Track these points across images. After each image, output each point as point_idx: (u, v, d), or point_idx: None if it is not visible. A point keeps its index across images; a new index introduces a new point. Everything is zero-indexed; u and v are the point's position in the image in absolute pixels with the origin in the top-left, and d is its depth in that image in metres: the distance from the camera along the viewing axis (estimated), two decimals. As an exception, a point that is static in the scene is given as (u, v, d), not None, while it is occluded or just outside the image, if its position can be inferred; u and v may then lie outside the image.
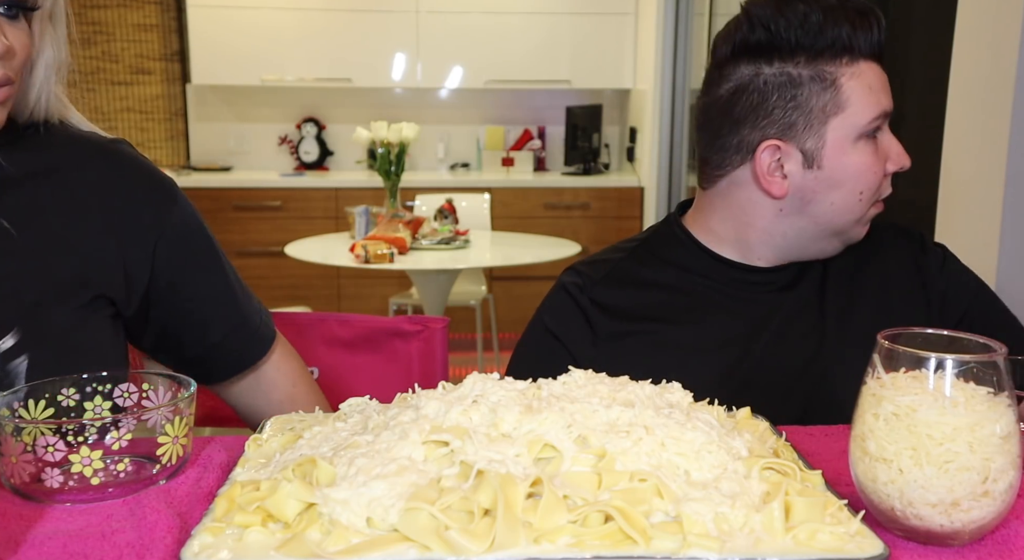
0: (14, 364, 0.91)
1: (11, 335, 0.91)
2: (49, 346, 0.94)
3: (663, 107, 4.42)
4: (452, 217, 3.84)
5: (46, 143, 0.98)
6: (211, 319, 1.05)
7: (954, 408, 0.61)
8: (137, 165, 1.02)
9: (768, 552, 0.58)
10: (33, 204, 0.95)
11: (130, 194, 0.99)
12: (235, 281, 1.08)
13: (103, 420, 0.70)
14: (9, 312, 0.91)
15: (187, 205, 1.05)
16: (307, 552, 0.58)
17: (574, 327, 1.12)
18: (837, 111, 1.02)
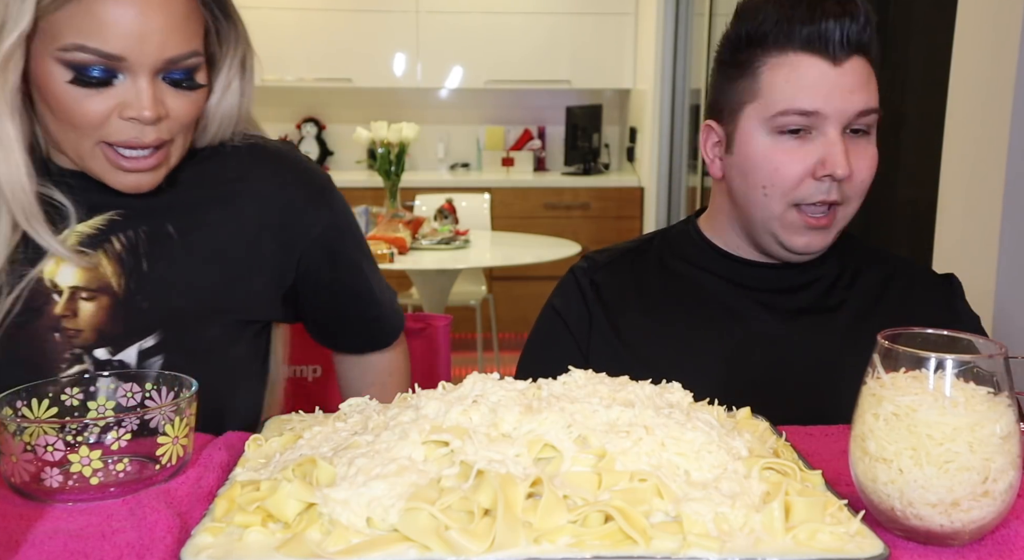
0: (150, 362, 0.97)
1: (154, 335, 0.97)
2: (187, 352, 0.98)
3: (663, 107, 4.42)
4: (452, 217, 3.84)
5: (216, 155, 1.04)
6: (349, 312, 1.14)
7: (954, 408, 0.61)
8: (294, 168, 1.07)
9: (768, 552, 0.58)
10: (198, 212, 1.00)
11: (286, 199, 1.04)
12: (375, 279, 1.15)
13: (104, 420, 0.70)
14: (157, 313, 0.97)
15: (340, 206, 1.10)
16: (307, 552, 0.58)
17: (574, 308, 1.14)
18: (751, 99, 1.02)
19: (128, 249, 0.97)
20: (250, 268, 1.02)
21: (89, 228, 0.97)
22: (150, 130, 0.90)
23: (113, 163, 0.92)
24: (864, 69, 0.99)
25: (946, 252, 1.81)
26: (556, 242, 3.82)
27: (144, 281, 0.97)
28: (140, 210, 0.98)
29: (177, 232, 0.99)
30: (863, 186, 1.02)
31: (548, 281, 4.71)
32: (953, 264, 1.77)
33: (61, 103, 0.88)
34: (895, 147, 2.50)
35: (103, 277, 0.96)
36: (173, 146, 0.95)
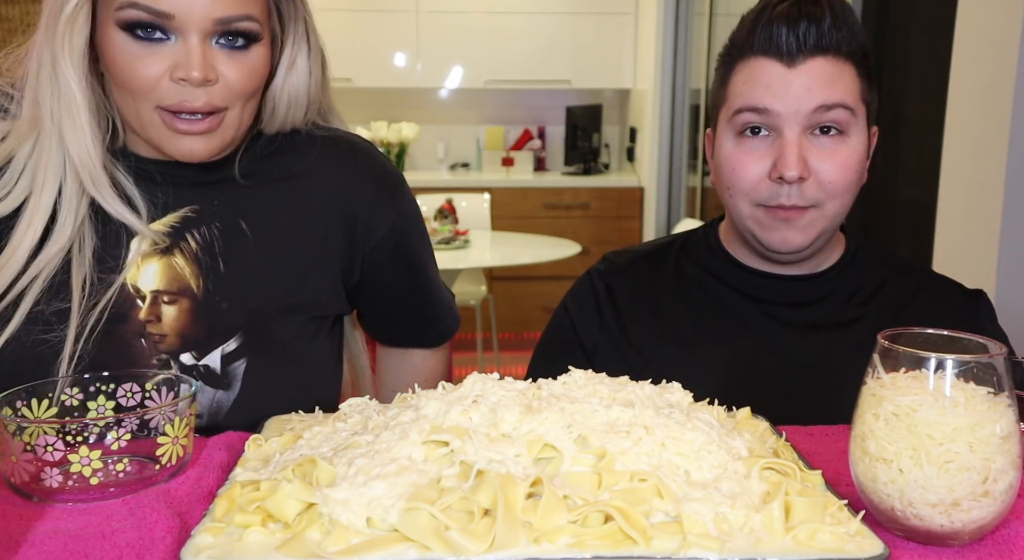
0: (234, 365, 0.97)
1: (236, 338, 0.97)
2: (269, 353, 0.99)
3: (663, 107, 4.42)
4: (452, 217, 3.84)
5: (290, 147, 1.04)
6: (404, 309, 1.14)
7: (954, 408, 0.61)
8: (367, 163, 1.07)
9: (768, 552, 0.58)
10: (268, 207, 1.01)
11: (357, 194, 1.05)
12: (434, 276, 1.15)
13: (104, 420, 0.70)
14: (237, 313, 0.97)
15: (410, 205, 1.10)
16: (307, 552, 0.58)
17: (586, 310, 1.16)
18: (722, 103, 1.05)
19: (204, 248, 0.98)
20: (320, 263, 1.03)
21: (164, 226, 0.97)
22: (200, 93, 0.90)
23: (169, 126, 0.91)
24: (827, 69, 0.99)
25: (946, 252, 1.81)
26: (556, 242, 3.82)
27: (221, 281, 0.97)
28: (212, 207, 0.99)
29: (250, 228, 0.99)
30: (835, 187, 1.00)
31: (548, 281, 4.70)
32: (953, 264, 1.77)
33: (119, 65, 0.89)
34: (895, 147, 2.50)
35: (182, 279, 0.97)
36: (229, 115, 0.94)
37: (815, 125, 0.99)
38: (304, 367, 1.03)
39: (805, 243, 1.03)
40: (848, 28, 1.00)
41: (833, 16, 0.99)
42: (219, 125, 0.93)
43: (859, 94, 1.01)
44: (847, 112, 0.99)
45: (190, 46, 0.88)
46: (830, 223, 1.03)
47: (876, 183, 2.57)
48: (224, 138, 0.95)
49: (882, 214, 2.54)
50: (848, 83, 1.00)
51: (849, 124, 1.00)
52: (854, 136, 1.01)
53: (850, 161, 1.00)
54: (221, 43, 0.91)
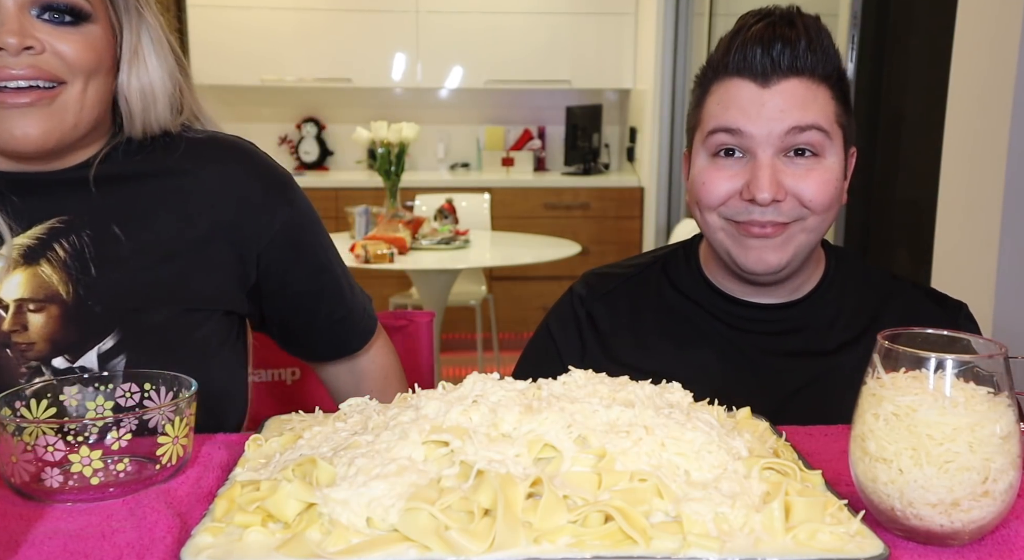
0: (113, 363, 0.95)
1: (112, 336, 0.94)
2: (147, 346, 0.96)
3: (663, 107, 4.42)
4: (452, 217, 3.84)
5: (165, 149, 1.00)
6: (317, 313, 1.10)
7: (954, 408, 0.61)
8: (253, 165, 1.04)
9: (768, 552, 0.58)
10: (145, 210, 0.97)
11: (243, 195, 1.01)
12: (342, 276, 1.11)
13: (104, 420, 0.70)
14: (112, 315, 0.94)
15: (301, 204, 1.06)
16: (307, 552, 0.58)
17: (569, 336, 1.15)
18: (697, 124, 1.06)
19: (73, 255, 0.94)
20: (205, 266, 0.99)
21: (29, 239, 0.94)
22: (22, 59, 0.85)
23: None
24: (800, 90, 0.99)
25: (946, 252, 1.81)
26: (556, 242, 3.82)
27: (94, 286, 0.94)
28: (82, 215, 0.95)
29: (124, 233, 0.96)
30: (815, 205, 1.00)
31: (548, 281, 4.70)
32: (953, 264, 1.77)
33: None
34: (895, 147, 2.50)
35: (49, 286, 0.93)
36: (68, 91, 0.89)
37: (789, 147, 0.99)
38: (191, 353, 0.99)
39: (781, 263, 1.02)
40: (823, 51, 1.00)
41: (808, 38, 0.99)
42: (53, 102, 0.88)
43: (834, 117, 1.01)
44: (821, 134, 0.99)
45: (5, 14, 0.84)
46: (810, 238, 1.02)
47: (876, 183, 2.57)
48: (63, 120, 0.89)
49: (882, 214, 2.54)
50: (822, 105, 1.00)
51: (824, 146, 1.00)
52: (829, 157, 1.01)
53: (827, 179, 1.00)
54: (45, 18, 0.87)
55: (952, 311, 1.11)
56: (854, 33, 2.62)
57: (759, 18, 1.01)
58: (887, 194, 2.53)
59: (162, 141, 1.01)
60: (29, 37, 0.85)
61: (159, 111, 0.98)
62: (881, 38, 2.57)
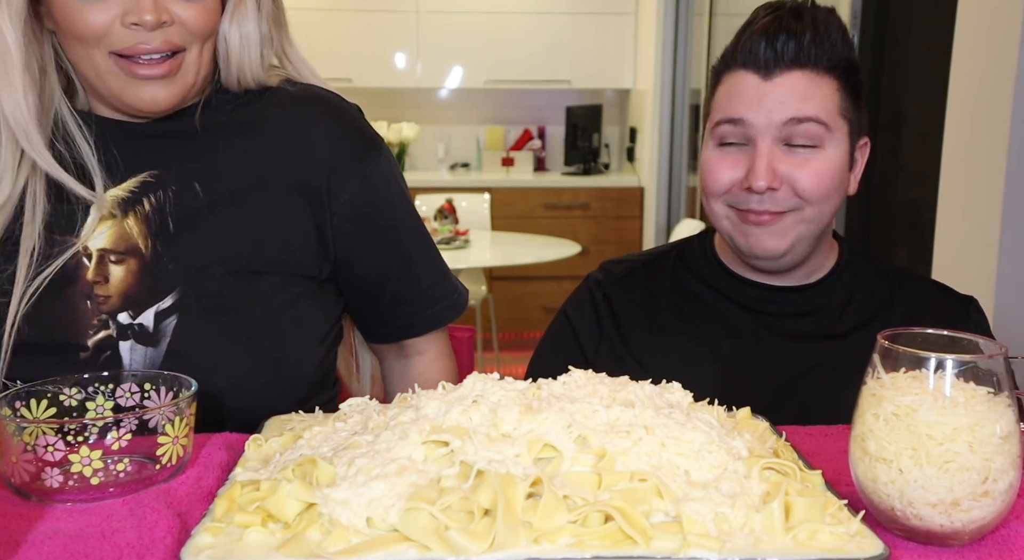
0: (165, 323, 0.94)
1: (171, 295, 0.94)
2: (201, 308, 0.95)
3: (663, 107, 4.42)
4: (452, 217, 3.84)
5: (254, 101, 1.01)
6: (376, 294, 1.07)
7: (954, 408, 0.61)
8: (337, 123, 1.03)
9: (768, 552, 0.58)
10: (225, 166, 0.98)
11: (321, 157, 1.00)
12: (417, 258, 1.08)
13: (104, 420, 0.70)
14: (179, 273, 0.94)
15: (381, 171, 1.03)
16: (307, 552, 0.58)
17: (586, 319, 1.17)
18: (708, 114, 1.09)
19: (156, 209, 0.96)
20: (278, 225, 0.99)
21: (123, 191, 0.96)
22: (156, 34, 0.89)
23: (128, 72, 0.90)
24: (803, 82, 1.00)
25: (946, 253, 1.81)
26: (556, 242, 3.82)
27: (170, 243, 0.95)
28: (170, 169, 0.97)
29: (203, 190, 0.96)
30: (809, 195, 1.01)
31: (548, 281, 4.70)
32: (953, 264, 1.77)
33: (66, 15, 0.88)
34: (895, 147, 2.50)
35: (131, 238, 0.95)
36: (188, 57, 0.93)
37: (787, 138, 1.01)
38: (256, 326, 0.98)
39: (781, 248, 1.03)
40: (830, 43, 1.01)
41: (816, 30, 1.00)
42: (179, 68, 0.92)
43: (837, 109, 1.02)
44: (820, 127, 1.00)
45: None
46: (809, 229, 1.03)
47: (876, 183, 2.57)
48: (185, 83, 0.94)
49: (882, 214, 2.54)
50: (825, 98, 1.01)
51: (823, 138, 1.01)
52: (830, 148, 1.02)
53: (824, 169, 1.01)
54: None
55: (962, 303, 1.12)
56: (854, 33, 2.62)
57: (769, 11, 1.03)
58: (887, 194, 2.52)
59: (255, 94, 1.01)
60: (163, 11, 0.89)
61: (252, 58, 0.98)
62: (881, 38, 2.57)
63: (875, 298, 1.11)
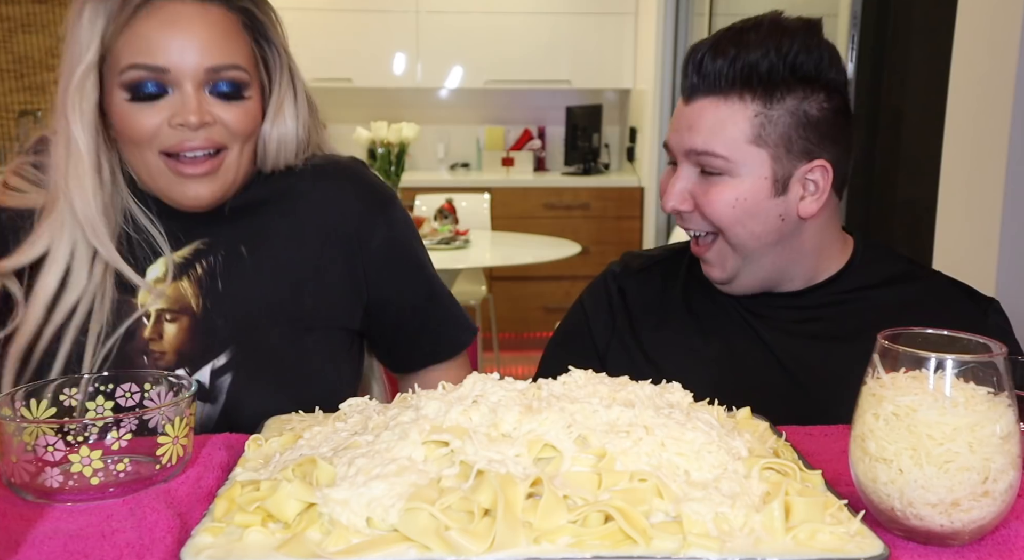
0: (221, 380, 1.01)
1: (226, 353, 1.03)
2: (258, 366, 1.03)
3: (663, 107, 4.42)
4: (452, 217, 3.84)
5: (287, 176, 1.11)
6: (414, 322, 1.16)
7: (954, 408, 0.61)
8: (356, 182, 1.13)
9: (768, 552, 0.58)
10: (266, 231, 1.08)
11: (348, 211, 1.10)
12: (440, 291, 1.19)
13: (104, 420, 0.70)
14: (230, 330, 1.03)
15: (401, 219, 1.15)
16: (307, 552, 0.58)
17: (599, 309, 1.19)
18: None
19: (207, 272, 1.05)
20: (318, 283, 1.08)
21: (179, 257, 1.05)
22: (200, 133, 0.98)
23: (174, 171, 0.99)
24: (710, 111, 1.01)
25: (946, 252, 1.81)
26: (556, 242, 3.82)
27: (220, 300, 1.04)
28: (221, 237, 1.06)
29: (248, 251, 1.06)
30: (716, 221, 1.03)
31: (548, 281, 4.68)
32: (953, 264, 1.77)
33: (123, 121, 0.98)
34: (895, 147, 2.50)
35: (184, 298, 1.03)
36: (229, 155, 1.01)
37: (699, 164, 1.03)
38: (303, 380, 1.05)
39: (724, 277, 1.07)
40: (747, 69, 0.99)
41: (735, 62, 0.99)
42: (220, 166, 1.01)
43: (747, 138, 1.00)
44: (719, 159, 1.01)
45: (186, 95, 0.97)
46: (741, 253, 1.05)
47: (876, 183, 2.57)
48: (226, 181, 1.02)
49: (882, 214, 2.54)
50: (731, 128, 1.00)
51: (726, 168, 1.01)
52: (741, 176, 1.01)
53: (726, 198, 1.02)
54: (214, 93, 0.99)
55: (982, 304, 1.10)
56: (854, 33, 2.62)
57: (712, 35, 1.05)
58: (887, 194, 2.52)
59: (286, 170, 1.11)
60: (206, 113, 0.98)
61: (287, 154, 1.09)
62: (881, 38, 2.57)
63: (888, 299, 1.09)
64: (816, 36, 1.01)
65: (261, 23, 1.04)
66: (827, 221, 1.07)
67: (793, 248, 1.06)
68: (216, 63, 0.98)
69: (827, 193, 1.04)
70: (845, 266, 1.11)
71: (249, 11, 1.03)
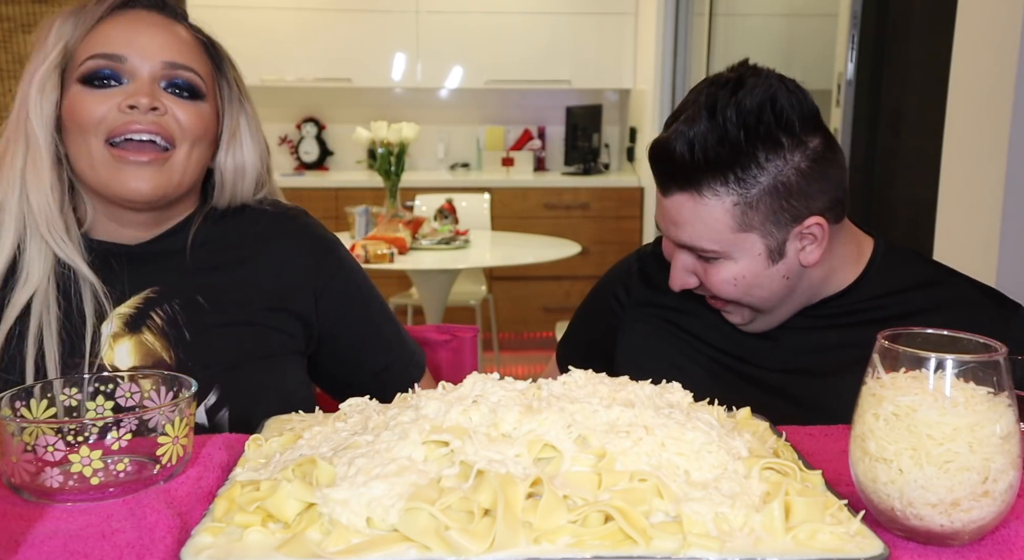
0: (219, 416, 1.03)
1: (213, 392, 1.04)
2: (243, 397, 1.05)
3: (663, 107, 4.41)
4: (452, 217, 3.84)
5: (239, 220, 1.14)
6: (360, 363, 1.20)
7: (954, 408, 0.61)
8: (307, 232, 1.17)
9: (768, 552, 0.58)
10: (222, 283, 1.09)
11: (301, 259, 1.14)
12: (387, 329, 1.22)
13: (104, 420, 0.70)
14: (210, 374, 1.04)
15: (348, 263, 1.19)
16: (307, 552, 0.58)
17: (618, 286, 1.24)
18: None
19: (168, 322, 1.05)
20: (279, 324, 1.11)
21: (129, 308, 1.04)
22: (149, 117, 0.99)
23: (117, 159, 0.99)
24: (688, 208, 1.00)
25: (946, 252, 1.81)
26: (556, 242, 3.81)
27: (190, 349, 1.04)
28: (171, 285, 1.07)
29: (207, 302, 1.07)
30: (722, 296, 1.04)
31: (548, 281, 4.69)
32: (953, 264, 1.77)
33: (73, 107, 0.99)
34: (895, 147, 2.50)
35: (154, 352, 1.04)
36: (176, 154, 1.02)
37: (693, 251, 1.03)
38: (279, 397, 1.07)
39: (743, 321, 1.08)
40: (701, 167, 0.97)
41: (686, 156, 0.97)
42: (166, 163, 1.01)
43: (730, 228, 0.99)
44: (708, 252, 1.01)
45: (140, 82, 1.00)
46: (755, 306, 1.05)
47: (876, 183, 2.57)
48: (170, 179, 1.02)
49: (882, 214, 2.54)
50: (713, 222, 0.99)
51: (720, 253, 1.01)
52: (735, 257, 1.01)
53: (723, 277, 1.02)
54: (169, 91, 1.02)
55: (1007, 311, 1.05)
56: (854, 33, 2.62)
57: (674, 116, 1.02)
58: (887, 194, 2.52)
59: (240, 211, 1.14)
60: (156, 100, 1.00)
61: (246, 187, 1.13)
62: (881, 38, 2.57)
63: (902, 307, 1.06)
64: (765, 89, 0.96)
65: (220, 55, 1.10)
66: (833, 247, 1.05)
67: (803, 287, 1.06)
68: (175, 60, 1.01)
69: (827, 238, 1.02)
70: (859, 277, 1.08)
71: (211, 41, 1.10)
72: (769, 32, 3.87)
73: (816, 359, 1.08)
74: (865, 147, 2.56)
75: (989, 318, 1.04)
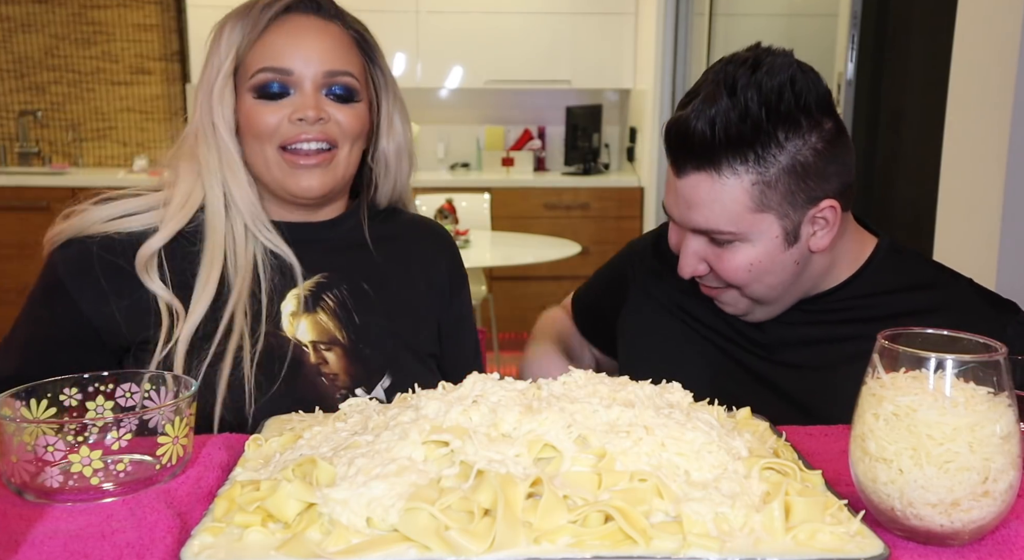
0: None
1: (387, 376, 1.13)
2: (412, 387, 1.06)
3: (663, 107, 4.41)
4: (452, 217, 3.84)
5: (394, 222, 1.27)
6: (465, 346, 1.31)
7: (954, 408, 0.61)
8: (444, 241, 1.33)
9: (768, 552, 0.58)
10: (384, 273, 1.20)
11: (440, 264, 1.28)
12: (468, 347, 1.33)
13: (104, 420, 0.70)
14: (379, 357, 1.13)
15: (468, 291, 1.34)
16: (307, 552, 0.58)
17: (628, 266, 1.28)
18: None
19: (339, 304, 1.14)
20: (425, 316, 1.22)
21: (305, 290, 1.13)
22: (315, 128, 1.09)
23: (289, 163, 1.10)
24: (704, 188, 0.99)
25: (946, 252, 1.81)
26: (556, 242, 3.81)
27: (360, 331, 1.13)
28: (341, 271, 1.16)
29: (371, 289, 1.17)
30: (735, 282, 1.03)
31: (548, 281, 4.69)
32: (953, 264, 1.77)
33: (249, 117, 1.09)
34: (895, 147, 2.50)
35: (329, 331, 1.12)
36: (339, 153, 1.12)
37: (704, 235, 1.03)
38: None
39: (740, 311, 1.09)
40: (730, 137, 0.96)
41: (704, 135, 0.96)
42: (331, 162, 1.12)
43: (748, 208, 0.98)
44: (723, 234, 1.00)
45: (305, 95, 1.09)
46: (758, 297, 1.05)
47: (876, 183, 2.57)
48: (335, 176, 1.13)
49: (882, 214, 2.54)
50: (729, 202, 0.98)
51: (735, 236, 1.00)
52: (751, 240, 1.00)
53: (738, 263, 1.02)
54: (330, 95, 1.11)
55: (1005, 316, 1.04)
56: (854, 33, 2.62)
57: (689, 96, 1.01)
58: (887, 193, 2.52)
59: (392, 214, 1.27)
60: (321, 111, 1.09)
61: (403, 171, 1.25)
62: (881, 38, 2.57)
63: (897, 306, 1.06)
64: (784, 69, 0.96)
65: (370, 46, 1.21)
66: (837, 239, 1.05)
67: (806, 276, 1.05)
68: (333, 68, 1.11)
69: (838, 223, 1.02)
70: (855, 273, 1.08)
71: (361, 34, 1.20)
72: (769, 32, 3.87)
73: (802, 353, 1.08)
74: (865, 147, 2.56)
75: (984, 323, 1.02)
